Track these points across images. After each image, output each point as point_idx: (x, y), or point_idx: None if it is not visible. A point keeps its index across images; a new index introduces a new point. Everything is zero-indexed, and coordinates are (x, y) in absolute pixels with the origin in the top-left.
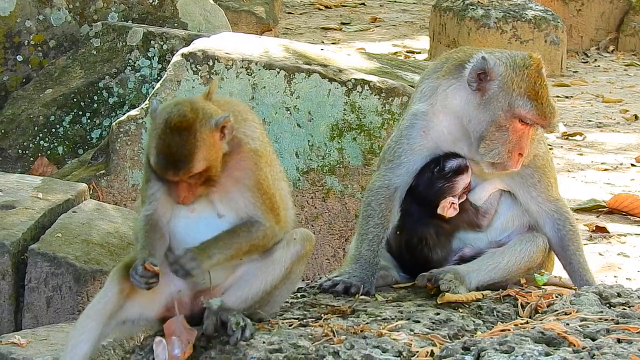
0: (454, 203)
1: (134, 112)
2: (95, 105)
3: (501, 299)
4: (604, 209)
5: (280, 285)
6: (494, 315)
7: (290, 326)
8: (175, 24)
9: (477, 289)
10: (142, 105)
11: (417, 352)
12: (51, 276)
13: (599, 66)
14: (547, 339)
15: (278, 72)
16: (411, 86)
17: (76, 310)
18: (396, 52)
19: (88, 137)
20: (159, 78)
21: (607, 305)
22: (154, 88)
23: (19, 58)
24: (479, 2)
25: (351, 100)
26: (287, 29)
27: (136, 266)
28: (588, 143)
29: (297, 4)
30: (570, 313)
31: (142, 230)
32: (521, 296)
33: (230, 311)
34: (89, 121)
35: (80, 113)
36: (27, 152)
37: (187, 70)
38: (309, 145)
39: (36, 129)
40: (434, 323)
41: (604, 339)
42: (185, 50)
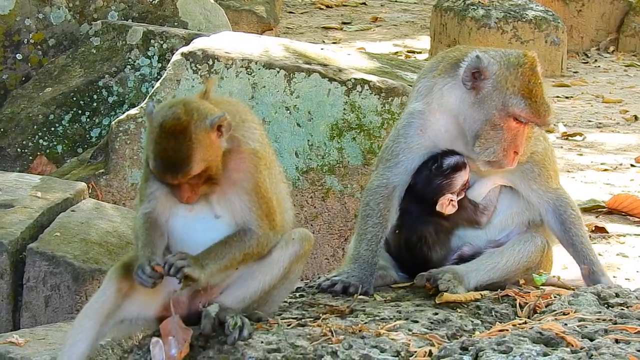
0: (452, 200)
1: (133, 111)
2: (95, 104)
3: (499, 299)
4: (604, 209)
5: (278, 285)
6: (492, 316)
7: (289, 326)
8: (176, 23)
9: (476, 289)
10: (142, 105)
11: (416, 352)
12: (49, 275)
13: (599, 67)
14: (545, 339)
15: (278, 72)
16: (411, 86)
17: (74, 309)
18: (397, 52)
19: (87, 136)
20: (158, 77)
21: (606, 305)
22: (153, 87)
23: (19, 56)
24: (479, 2)
25: (351, 100)
26: (288, 28)
27: (143, 266)
28: (588, 143)
29: (298, 4)
30: (569, 313)
31: (142, 228)
32: (519, 296)
33: (228, 311)
34: (88, 120)
35: (80, 112)
36: (26, 150)
37: (186, 69)
38: (308, 145)
39: (35, 127)
40: (432, 323)
41: (602, 339)
42: (185, 49)
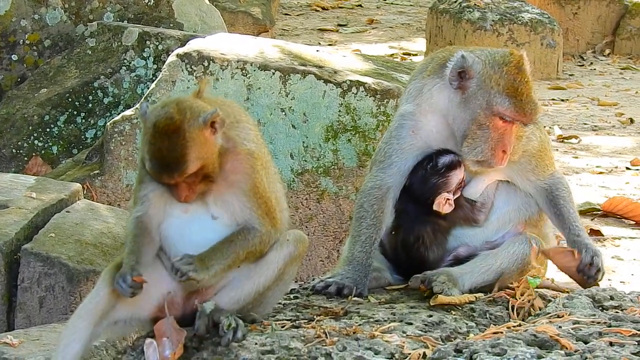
0: (449, 199)
1: (128, 112)
2: (90, 105)
3: (494, 301)
4: (599, 212)
5: (272, 286)
6: (486, 318)
7: (283, 327)
8: (171, 25)
9: (470, 291)
10: (137, 106)
11: (410, 354)
12: (44, 276)
13: (594, 69)
14: (540, 341)
15: (273, 73)
16: None
17: (69, 310)
18: (393, 54)
19: (82, 137)
20: (154, 78)
21: (600, 308)
22: (149, 88)
23: (14, 57)
24: (475, 4)
25: (346, 102)
26: (284, 30)
27: (124, 275)
28: (583, 146)
29: (294, 5)
30: (563, 316)
31: (132, 233)
32: (514, 299)
33: (222, 312)
34: (83, 121)
35: (75, 113)
36: (21, 151)
37: (182, 70)
38: (303, 147)
39: (31, 128)
40: (426, 325)
41: (597, 342)
42: (180, 50)
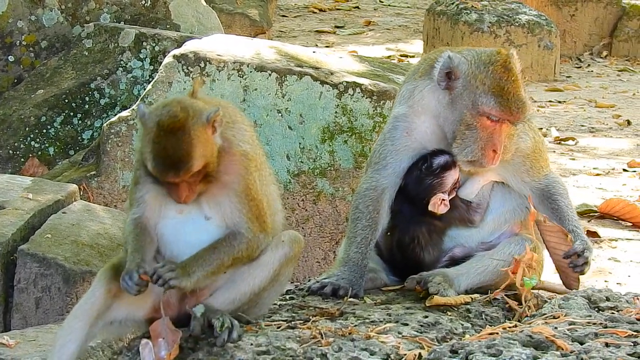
0: (444, 200)
1: (125, 114)
2: (87, 106)
3: (490, 302)
4: (596, 214)
5: (268, 287)
6: (482, 319)
7: (278, 328)
8: (168, 26)
9: (466, 292)
10: (134, 107)
11: (405, 354)
12: (40, 277)
13: (592, 71)
14: (535, 342)
15: (270, 75)
16: None
17: (65, 311)
18: (390, 56)
19: (79, 138)
20: (150, 79)
21: (596, 309)
22: (145, 89)
23: (11, 58)
24: (472, 6)
25: (342, 103)
26: (281, 31)
27: (131, 272)
28: (580, 148)
29: (291, 7)
30: (559, 317)
31: (132, 233)
32: (510, 299)
33: (216, 313)
34: (80, 122)
35: (72, 114)
36: (18, 152)
37: (178, 71)
38: (300, 148)
39: (27, 129)
40: (422, 326)
41: (592, 342)
42: (176, 51)
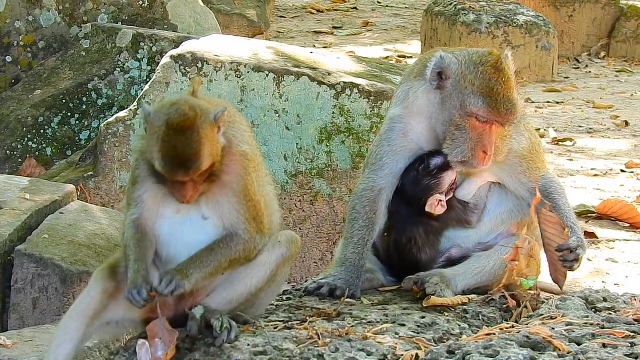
0: (441, 200)
1: (122, 114)
2: (84, 107)
3: (487, 302)
4: (593, 215)
5: (265, 287)
6: (479, 319)
7: (275, 329)
8: (165, 26)
9: (464, 292)
10: (131, 107)
11: (402, 355)
12: (37, 277)
13: (590, 72)
14: (533, 343)
15: (267, 75)
16: None
17: (62, 311)
18: (388, 57)
19: (76, 138)
20: (148, 80)
21: (593, 310)
22: (142, 90)
23: (8, 59)
24: (470, 7)
25: (340, 104)
26: (279, 32)
27: (140, 288)
28: (578, 149)
29: (289, 8)
30: (556, 317)
31: (134, 238)
32: (507, 300)
33: (215, 313)
34: (77, 122)
35: (69, 114)
36: (15, 153)
37: (176, 72)
38: (297, 148)
39: (25, 130)
40: (419, 326)
41: (590, 343)
42: (174, 52)
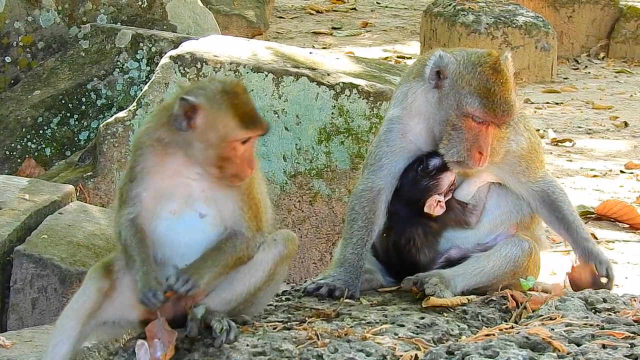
0: (440, 201)
1: (121, 114)
2: (83, 107)
3: (486, 303)
4: (593, 216)
5: (263, 286)
6: (478, 320)
7: (274, 329)
8: (165, 27)
9: (463, 293)
10: (130, 108)
11: (401, 356)
12: (36, 278)
13: (589, 73)
14: (532, 344)
15: (266, 75)
16: None
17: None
18: (387, 57)
19: (76, 138)
20: (147, 80)
21: (593, 310)
22: (142, 90)
23: (8, 59)
24: (469, 7)
25: (339, 104)
26: (278, 33)
27: (154, 290)
28: (577, 149)
29: (288, 9)
30: (556, 318)
31: (135, 238)
32: (506, 301)
33: (214, 314)
34: (76, 123)
35: (68, 115)
36: (14, 153)
37: (175, 72)
38: (296, 149)
39: (24, 130)
40: (418, 327)
41: (589, 344)
42: (173, 52)
